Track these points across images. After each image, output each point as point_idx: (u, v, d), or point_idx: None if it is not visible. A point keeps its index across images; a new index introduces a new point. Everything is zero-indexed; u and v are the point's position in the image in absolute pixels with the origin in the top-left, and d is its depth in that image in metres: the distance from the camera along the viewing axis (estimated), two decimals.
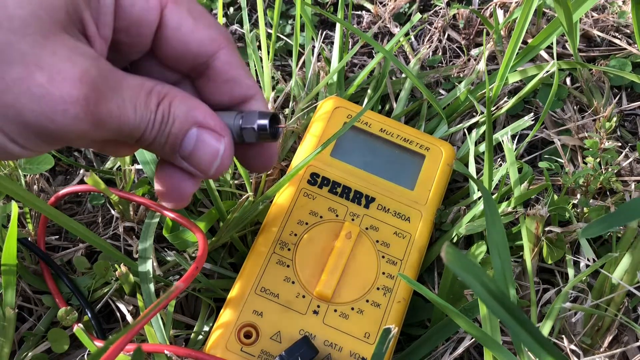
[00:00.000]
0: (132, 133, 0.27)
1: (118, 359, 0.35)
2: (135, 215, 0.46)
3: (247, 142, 0.30)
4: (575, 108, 0.53)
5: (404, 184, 0.44)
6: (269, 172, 0.47)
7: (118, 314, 0.42)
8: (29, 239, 0.45)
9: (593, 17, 0.58)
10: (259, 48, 0.53)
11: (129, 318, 0.42)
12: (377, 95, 0.47)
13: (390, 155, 0.45)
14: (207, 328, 0.42)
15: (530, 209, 0.41)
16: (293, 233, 0.41)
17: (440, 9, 0.60)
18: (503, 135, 0.47)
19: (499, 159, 0.50)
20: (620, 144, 0.51)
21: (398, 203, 0.43)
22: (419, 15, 0.55)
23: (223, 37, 0.30)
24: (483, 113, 0.50)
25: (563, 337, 0.39)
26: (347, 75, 0.56)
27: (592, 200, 0.46)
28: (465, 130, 0.51)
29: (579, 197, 0.46)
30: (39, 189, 0.48)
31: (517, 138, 0.52)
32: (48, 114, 0.23)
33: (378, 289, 0.40)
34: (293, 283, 0.40)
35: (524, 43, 0.55)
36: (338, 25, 0.52)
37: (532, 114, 0.49)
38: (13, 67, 0.23)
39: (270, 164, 0.34)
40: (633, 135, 0.53)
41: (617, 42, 0.56)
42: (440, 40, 0.58)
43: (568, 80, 0.55)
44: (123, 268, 0.40)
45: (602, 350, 0.40)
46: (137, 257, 0.43)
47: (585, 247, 0.42)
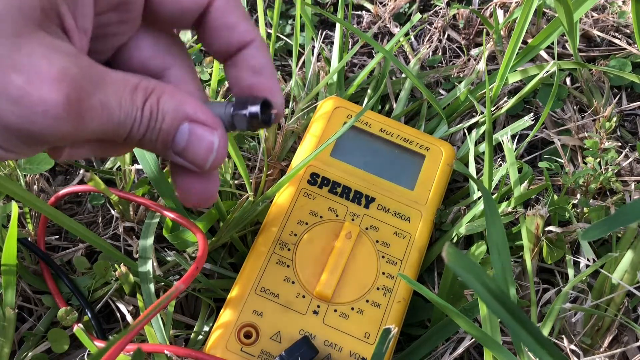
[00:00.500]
0: (117, 131, 0.26)
1: (118, 359, 0.35)
2: (135, 215, 0.46)
3: (239, 129, 0.30)
4: (575, 108, 0.53)
5: (404, 184, 0.44)
6: (263, 168, 0.47)
7: (118, 314, 0.43)
8: (29, 239, 0.45)
9: (593, 17, 0.58)
10: None
11: (129, 318, 0.42)
12: (377, 95, 0.47)
13: (390, 155, 0.46)
14: (207, 328, 0.42)
15: (530, 209, 0.41)
16: (293, 233, 0.41)
17: (440, 9, 0.60)
18: (503, 135, 0.47)
19: (499, 159, 0.50)
20: (620, 144, 0.51)
21: (398, 203, 0.43)
22: (419, 15, 0.55)
23: None
24: (483, 113, 0.50)
25: (563, 337, 0.39)
26: (347, 75, 0.56)
27: (592, 200, 0.46)
28: (465, 130, 0.51)
29: (579, 197, 0.46)
30: (39, 189, 0.48)
31: (517, 138, 0.52)
32: (28, 116, 0.23)
33: (378, 289, 0.40)
34: (293, 283, 0.40)
35: (524, 43, 0.55)
36: (338, 25, 0.52)
37: (532, 114, 0.49)
38: None
39: (210, 198, 0.31)
40: (633, 135, 0.53)
41: (617, 42, 0.56)
42: (440, 40, 0.58)
43: (568, 80, 0.55)
44: (123, 268, 0.40)
45: (602, 350, 0.40)
46: (137, 257, 0.43)
47: (585, 247, 0.42)
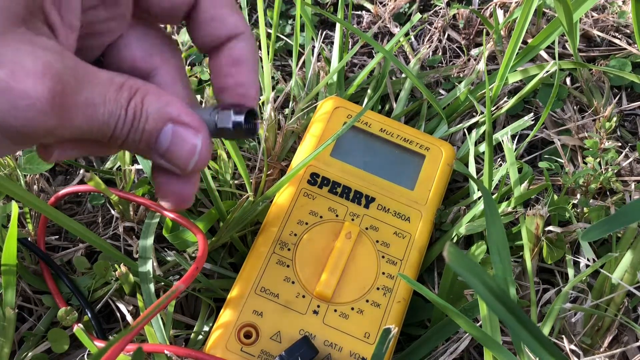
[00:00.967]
0: (101, 130, 0.26)
1: (118, 359, 0.35)
2: (135, 215, 0.46)
3: (222, 137, 0.30)
4: (575, 108, 0.53)
5: (404, 184, 0.44)
6: (263, 168, 0.47)
7: (118, 314, 0.42)
8: (29, 239, 0.45)
9: (593, 17, 0.58)
10: (259, 48, 0.53)
11: (129, 318, 0.42)
12: (377, 95, 0.47)
13: (390, 155, 0.45)
14: (207, 328, 0.42)
15: (530, 209, 0.41)
16: (293, 233, 0.41)
17: (440, 9, 0.60)
18: (503, 135, 0.47)
19: (499, 159, 0.50)
20: (620, 144, 0.51)
21: (398, 203, 0.43)
22: (419, 15, 0.55)
23: None
24: (483, 113, 0.50)
25: (563, 337, 0.39)
26: (347, 75, 0.56)
27: (592, 200, 0.46)
28: (465, 130, 0.51)
29: (579, 197, 0.46)
30: (39, 189, 0.48)
31: (517, 138, 0.52)
32: (11, 110, 0.23)
33: (378, 289, 0.40)
34: (293, 283, 0.40)
35: (524, 43, 0.55)
36: (338, 25, 0.52)
37: (532, 114, 0.49)
38: None
39: (186, 200, 0.31)
40: (633, 135, 0.53)
41: (617, 42, 0.56)
42: (440, 40, 0.58)
43: (568, 80, 0.55)
44: (123, 268, 0.40)
45: (602, 350, 0.40)
46: (137, 257, 0.43)
47: (585, 247, 0.42)
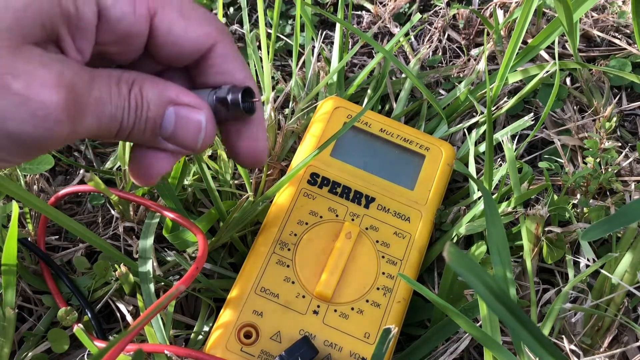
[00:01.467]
0: (110, 125, 0.27)
1: (118, 359, 0.35)
2: (135, 215, 0.46)
3: (221, 117, 0.30)
4: (575, 108, 0.53)
5: (404, 184, 0.44)
6: (263, 168, 0.47)
7: (118, 314, 0.43)
8: (29, 239, 0.45)
9: (593, 17, 0.58)
10: (259, 48, 0.53)
11: (129, 318, 0.42)
12: (377, 95, 0.47)
13: (390, 155, 0.45)
14: (207, 328, 0.42)
15: (530, 209, 0.41)
16: (293, 233, 0.41)
17: (440, 9, 0.60)
18: (503, 135, 0.47)
19: (499, 159, 0.50)
20: (620, 144, 0.51)
21: (398, 203, 0.43)
22: (419, 15, 0.55)
23: (217, 31, 0.30)
24: (483, 113, 0.50)
25: (563, 337, 0.39)
26: (347, 75, 0.56)
27: (592, 201, 0.46)
28: (465, 130, 0.51)
29: (579, 197, 0.46)
30: (39, 189, 0.48)
31: (517, 138, 0.52)
32: (29, 121, 0.23)
33: (378, 289, 0.40)
34: (293, 283, 0.40)
35: (524, 43, 0.55)
36: (338, 25, 0.52)
37: (532, 114, 0.49)
38: None
39: (260, 153, 0.32)
40: (633, 135, 0.53)
41: (617, 42, 0.56)
42: (440, 40, 0.58)
43: (568, 80, 0.55)
44: (123, 268, 0.40)
45: (602, 351, 0.40)
46: (137, 257, 0.43)
47: (585, 247, 0.42)
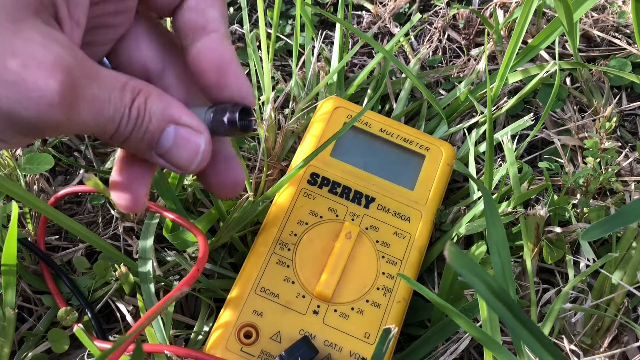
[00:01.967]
0: (106, 126, 0.26)
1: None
2: (135, 216, 0.46)
3: (218, 135, 0.30)
4: (575, 108, 0.53)
5: (404, 184, 0.44)
6: (263, 168, 0.47)
7: (118, 314, 0.42)
8: (29, 239, 0.45)
9: (593, 17, 0.58)
10: (259, 48, 0.53)
11: (129, 318, 0.42)
12: (377, 95, 0.47)
13: (390, 155, 0.45)
14: (207, 328, 0.42)
15: (530, 209, 0.41)
16: (293, 233, 0.41)
17: (440, 9, 0.60)
18: (503, 135, 0.47)
19: (499, 159, 0.50)
20: (620, 144, 0.51)
21: (398, 203, 0.43)
22: (419, 15, 0.55)
23: None
24: (483, 113, 0.50)
25: (563, 337, 0.39)
26: (347, 75, 0.56)
27: (592, 201, 0.46)
28: (465, 130, 0.51)
29: (579, 197, 0.46)
30: (39, 189, 0.48)
31: (517, 138, 0.52)
32: (22, 101, 0.23)
33: (378, 289, 0.40)
34: (293, 283, 0.40)
35: (524, 43, 0.55)
36: (338, 25, 0.52)
37: (532, 114, 0.49)
38: None
39: (238, 183, 0.32)
40: (633, 135, 0.53)
41: (617, 42, 0.56)
42: (440, 40, 0.58)
43: (568, 80, 0.55)
44: (123, 268, 0.40)
45: (602, 351, 0.40)
46: (137, 257, 0.43)
47: (585, 247, 0.42)
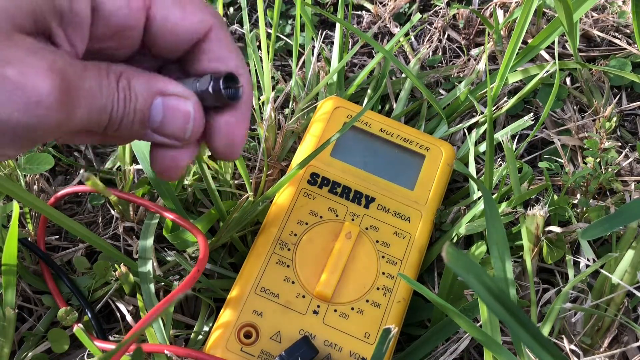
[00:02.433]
0: (100, 118, 0.27)
1: None
2: (135, 216, 0.46)
3: (208, 104, 0.30)
4: (575, 108, 0.53)
5: (404, 184, 0.44)
6: (263, 168, 0.47)
7: (118, 314, 0.42)
8: (29, 239, 0.45)
9: (593, 17, 0.58)
10: (259, 48, 0.53)
11: (129, 318, 0.42)
12: (377, 95, 0.47)
13: (390, 155, 0.45)
14: (207, 328, 0.42)
15: (530, 209, 0.41)
16: (293, 233, 0.41)
17: (440, 9, 0.60)
18: (503, 135, 0.47)
19: (499, 159, 0.50)
20: (620, 144, 0.51)
21: (398, 203, 0.43)
22: (419, 15, 0.55)
23: (212, 17, 0.30)
24: (483, 113, 0.50)
25: (563, 337, 0.39)
26: (347, 75, 0.56)
27: (592, 200, 0.46)
28: (465, 130, 0.51)
29: (579, 197, 0.46)
30: (39, 189, 0.48)
31: (517, 138, 0.52)
32: (21, 107, 0.23)
33: (378, 289, 0.40)
34: (293, 283, 0.40)
35: (524, 43, 0.55)
36: (338, 25, 0.52)
37: (532, 114, 0.49)
38: None
39: (235, 145, 0.31)
40: (633, 135, 0.53)
41: (617, 42, 0.56)
42: (440, 40, 0.58)
43: (568, 80, 0.55)
44: (123, 268, 0.40)
45: (602, 350, 0.40)
46: (137, 257, 0.43)
47: (585, 247, 0.42)
